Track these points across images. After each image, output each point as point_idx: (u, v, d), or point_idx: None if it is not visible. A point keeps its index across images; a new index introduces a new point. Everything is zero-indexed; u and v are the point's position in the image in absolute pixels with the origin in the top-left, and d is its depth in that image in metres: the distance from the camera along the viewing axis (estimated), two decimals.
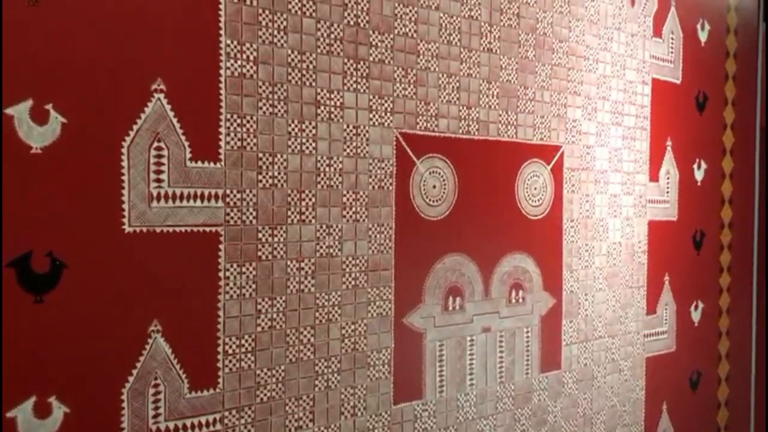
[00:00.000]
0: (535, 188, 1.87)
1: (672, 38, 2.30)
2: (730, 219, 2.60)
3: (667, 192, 2.32)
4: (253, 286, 1.35)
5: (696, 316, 2.43)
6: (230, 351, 1.32)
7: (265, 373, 1.37)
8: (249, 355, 1.35)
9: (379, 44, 1.53)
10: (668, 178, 2.31)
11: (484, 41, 1.73)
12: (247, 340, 1.34)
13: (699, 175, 2.44)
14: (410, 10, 1.58)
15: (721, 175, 2.56)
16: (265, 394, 1.37)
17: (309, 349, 1.43)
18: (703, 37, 2.43)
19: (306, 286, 1.43)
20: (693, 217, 2.43)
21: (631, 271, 2.17)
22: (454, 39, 1.67)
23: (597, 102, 2.03)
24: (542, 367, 1.90)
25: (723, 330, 2.59)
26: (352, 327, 1.50)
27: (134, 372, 1.21)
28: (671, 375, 2.36)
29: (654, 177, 2.26)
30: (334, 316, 1.47)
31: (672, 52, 2.31)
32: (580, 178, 1.98)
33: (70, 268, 1.14)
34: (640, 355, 2.22)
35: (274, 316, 1.38)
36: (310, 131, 1.43)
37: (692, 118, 2.41)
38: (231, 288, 1.32)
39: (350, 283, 1.50)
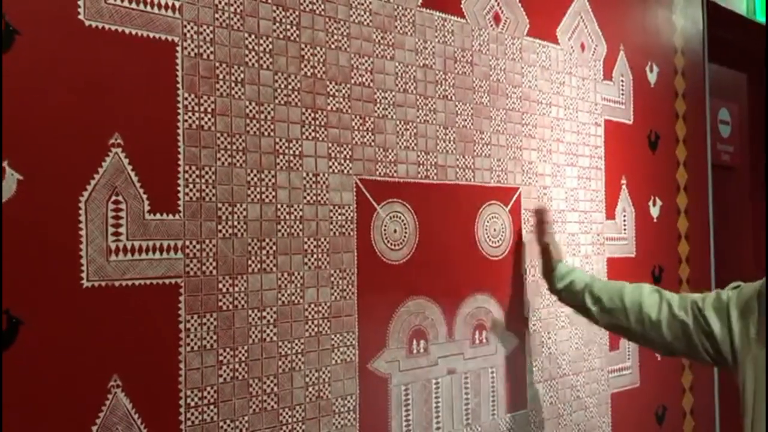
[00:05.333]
0: (495, 229, 1.91)
1: (622, 81, 2.39)
2: (687, 254, 2.66)
3: (625, 229, 2.37)
4: (215, 337, 1.35)
5: None
6: (192, 404, 1.31)
7: (228, 425, 1.36)
8: (211, 407, 1.33)
9: (337, 94, 1.56)
10: (625, 216, 2.37)
11: (439, 89, 1.77)
12: (209, 392, 1.33)
13: (655, 212, 2.51)
14: (366, 61, 1.62)
15: (677, 211, 2.63)
16: None
17: (273, 399, 1.43)
18: (652, 78, 2.52)
19: (268, 334, 1.42)
20: (651, 253, 2.48)
21: None
22: (410, 87, 1.71)
23: (551, 144, 2.08)
24: (508, 408, 1.91)
25: (686, 363, 2.63)
26: (316, 375, 1.50)
27: (97, 422, 1.19)
28: (636, 410, 2.38)
29: (611, 215, 2.31)
30: (297, 364, 1.47)
31: (623, 94, 2.39)
32: None
33: (26, 324, 1.13)
34: (605, 392, 2.24)
35: (236, 366, 1.37)
36: (270, 180, 1.45)
37: (645, 157, 2.49)
38: (192, 340, 1.31)
39: (313, 330, 1.50)
